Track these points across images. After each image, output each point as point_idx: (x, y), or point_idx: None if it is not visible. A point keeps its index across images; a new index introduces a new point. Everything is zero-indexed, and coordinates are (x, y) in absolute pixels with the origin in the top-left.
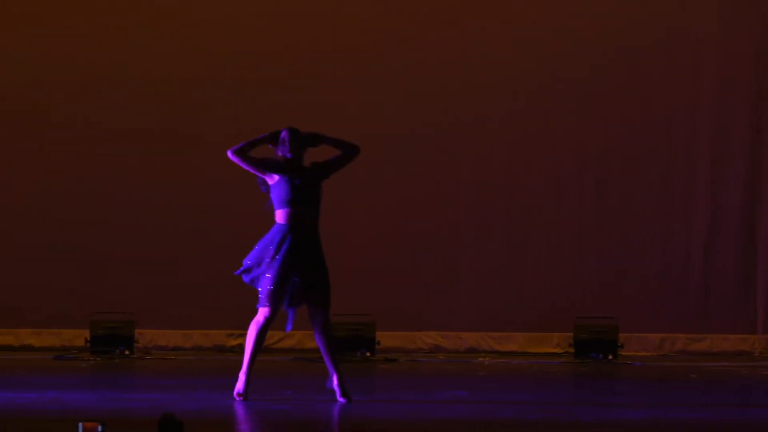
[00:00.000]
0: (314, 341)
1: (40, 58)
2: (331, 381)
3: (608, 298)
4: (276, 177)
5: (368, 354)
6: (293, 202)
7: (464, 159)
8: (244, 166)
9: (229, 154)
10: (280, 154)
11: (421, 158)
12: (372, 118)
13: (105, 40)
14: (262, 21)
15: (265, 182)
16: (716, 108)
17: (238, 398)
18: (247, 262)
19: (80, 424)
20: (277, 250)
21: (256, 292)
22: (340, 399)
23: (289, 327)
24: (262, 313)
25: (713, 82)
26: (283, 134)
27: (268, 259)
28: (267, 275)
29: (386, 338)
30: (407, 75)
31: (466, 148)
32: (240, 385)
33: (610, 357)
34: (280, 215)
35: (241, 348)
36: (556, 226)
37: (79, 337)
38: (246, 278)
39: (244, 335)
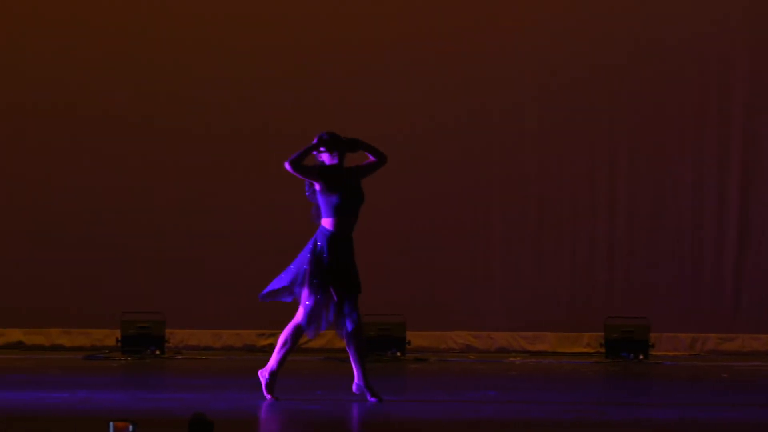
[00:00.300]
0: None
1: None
2: (358, 384)
3: (639, 297)
4: (323, 184)
5: (399, 354)
6: (341, 210)
7: (495, 157)
8: (299, 176)
9: (287, 165)
10: (323, 159)
11: (451, 156)
12: (400, 116)
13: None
14: (306, 18)
15: (314, 190)
16: (747, 105)
17: (268, 396)
18: (285, 279)
19: (111, 424)
20: (323, 269)
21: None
22: (371, 399)
23: (323, 327)
24: (303, 322)
25: (744, 79)
26: (327, 139)
27: (313, 278)
28: (310, 297)
29: (417, 338)
30: (435, 70)
31: (497, 145)
32: (264, 379)
33: (641, 357)
34: (327, 222)
35: (271, 348)
36: (587, 225)
37: (109, 336)
38: (286, 298)
39: (275, 335)
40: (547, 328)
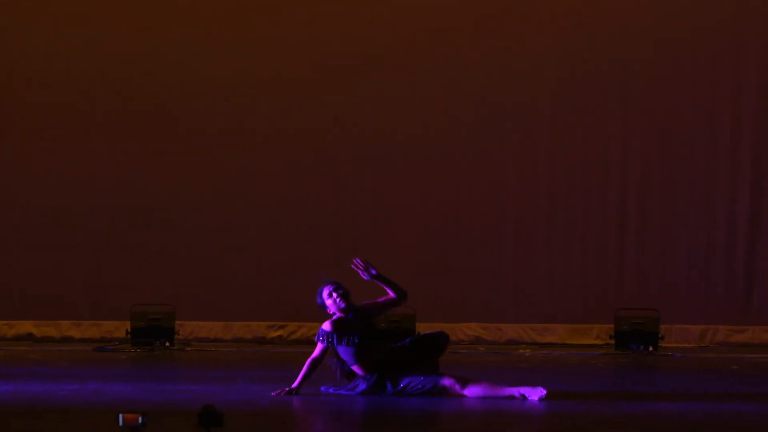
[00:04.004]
0: None
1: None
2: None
3: (649, 289)
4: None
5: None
6: (363, 354)
7: (507, 151)
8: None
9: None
10: (329, 307)
11: (463, 151)
12: (414, 112)
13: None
14: (319, 15)
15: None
16: (760, 99)
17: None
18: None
19: (121, 415)
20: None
21: (298, 284)
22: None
23: None
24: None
25: (756, 72)
26: (330, 291)
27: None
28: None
29: (427, 330)
30: (449, 68)
31: (508, 140)
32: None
33: (651, 348)
34: (357, 369)
35: (281, 340)
36: (598, 218)
37: (120, 328)
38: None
39: (284, 327)
40: (556, 320)
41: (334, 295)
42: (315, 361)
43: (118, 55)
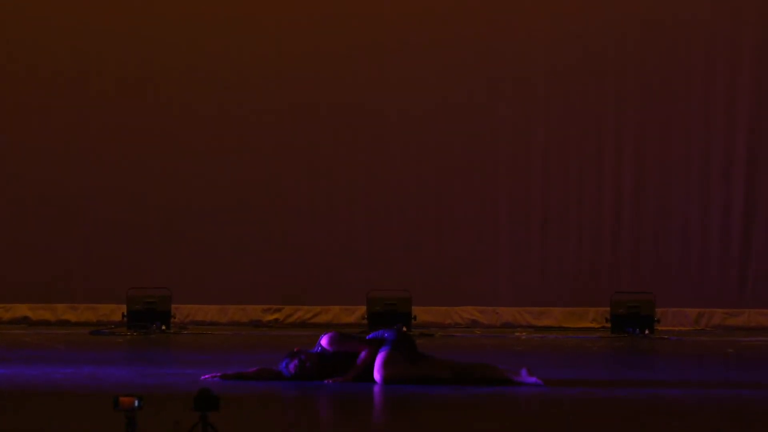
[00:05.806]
0: (350, 316)
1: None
2: None
3: (645, 272)
4: None
5: (404, 329)
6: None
7: (503, 134)
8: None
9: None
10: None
11: (459, 132)
12: (407, 93)
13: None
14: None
15: None
16: (755, 87)
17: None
18: None
19: (117, 399)
20: None
21: (294, 268)
22: None
23: None
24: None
25: (752, 61)
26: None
27: None
28: None
29: (422, 313)
30: (444, 48)
31: (504, 122)
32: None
33: (647, 332)
34: None
35: (277, 323)
36: (593, 200)
37: (115, 312)
38: None
39: (280, 310)
40: (553, 303)
41: (295, 363)
42: (268, 372)
43: (113, 35)
